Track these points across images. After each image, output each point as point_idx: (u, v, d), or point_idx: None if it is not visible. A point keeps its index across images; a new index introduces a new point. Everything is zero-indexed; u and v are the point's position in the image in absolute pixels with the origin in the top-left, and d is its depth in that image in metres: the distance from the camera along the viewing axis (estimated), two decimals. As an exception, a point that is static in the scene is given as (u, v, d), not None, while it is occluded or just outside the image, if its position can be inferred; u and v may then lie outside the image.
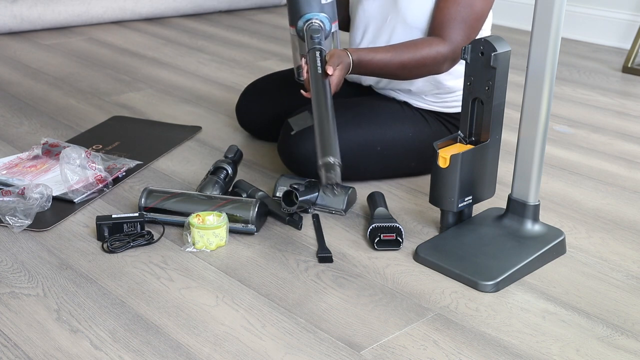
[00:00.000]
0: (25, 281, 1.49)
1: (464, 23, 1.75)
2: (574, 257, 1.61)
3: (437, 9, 1.77)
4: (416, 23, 1.82)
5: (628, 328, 1.38)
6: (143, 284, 1.49)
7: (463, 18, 1.74)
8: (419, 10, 1.81)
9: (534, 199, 1.61)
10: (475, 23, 1.76)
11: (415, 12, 1.81)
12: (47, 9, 3.44)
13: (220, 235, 1.60)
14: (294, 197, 1.70)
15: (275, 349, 1.30)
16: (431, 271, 1.55)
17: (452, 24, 1.74)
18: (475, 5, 1.75)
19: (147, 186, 1.75)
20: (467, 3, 1.74)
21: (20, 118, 2.38)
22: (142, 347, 1.30)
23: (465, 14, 1.74)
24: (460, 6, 1.74)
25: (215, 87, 2.72)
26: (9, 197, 1.70)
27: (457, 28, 1.74)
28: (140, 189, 1.88)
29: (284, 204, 1.70)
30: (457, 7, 1.74)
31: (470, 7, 1.74)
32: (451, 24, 1.74)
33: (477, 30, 1.78)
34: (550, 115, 1.55)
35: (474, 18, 1.75)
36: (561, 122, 2.44)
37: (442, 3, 1.76)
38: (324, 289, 1.48)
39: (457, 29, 1.74)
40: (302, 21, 1.77)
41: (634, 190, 1.95)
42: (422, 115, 1.92)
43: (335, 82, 1.65)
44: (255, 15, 3.95)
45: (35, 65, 2.96)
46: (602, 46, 3.45)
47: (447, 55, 1.75)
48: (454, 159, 1.58)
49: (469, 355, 1.30)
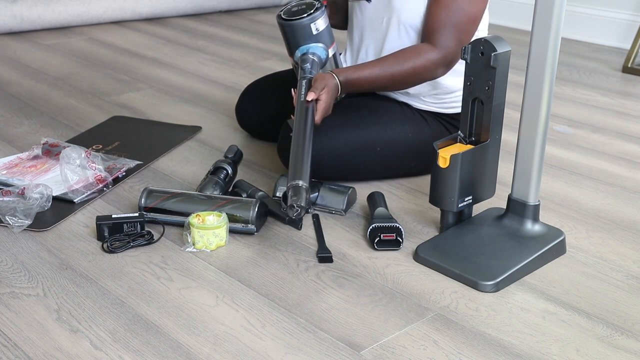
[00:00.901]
0: (25, 281, 1.49)
1: (454, 28, 1.74)
2: (574, 257, 1.61)
3: (429, 15, 1.77)
4: (411, 23, 1.82)
5: (628, 328, 1.38)
6: (143, 284, 1.49)
7: (454, 23, 1.74)
8: (414, 11, 1.81)
9: (534, 199, 1.61)
10: (468, 26, 1.76)
11: (410, 13, 1.81)
12: (47, 9, 3.44)
13: (220, 235, 1.60)
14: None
15: (275, 349, 1.30)
16: (431, 271, 1.55)
17: (443, 29, 1.74)
18: (466, 9, 1.74)
19: (147, 186, 1.75)
20: (458, 7, 1.73)
21: (20, 118, 2.38)
22: (142, 347, 1.30)
23: (456, 18, 1.74)
24: (451, 11, 1.73)
25: (215, 87, 2.72)
26: (9, 197, 1.70)
27: (447, 33, 1.74)
28: (140, 189, 1.88)
29: (284, 205, 1.70)
30: (447, 12, 1.74)
31: (461, 10, 1.74)
32: (441, 30, 1.74)
33: (470, 34, 1.77)
34: (550, 115, 1.55)
35: (465, 22, 1.75)
36: (561, 122, 2.44)
37: (433, 8, 1.76)
38: (324, 289, 1.48)
39: (447, 34, 1.74)
40: (299, 52, 1.82)
41: (634, 190, 1.95)
42: (421, 116, 1.92)
43: (322, 107, 1.70)
44: (255, 15, 3.95)
45: (35, 65, 2.96)
46: (602, 46, 3.45)
47: (438, 62, 1.75)
48: (454, 159, 1.58)
49: (469, 355, 1.30)
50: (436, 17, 1.75)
